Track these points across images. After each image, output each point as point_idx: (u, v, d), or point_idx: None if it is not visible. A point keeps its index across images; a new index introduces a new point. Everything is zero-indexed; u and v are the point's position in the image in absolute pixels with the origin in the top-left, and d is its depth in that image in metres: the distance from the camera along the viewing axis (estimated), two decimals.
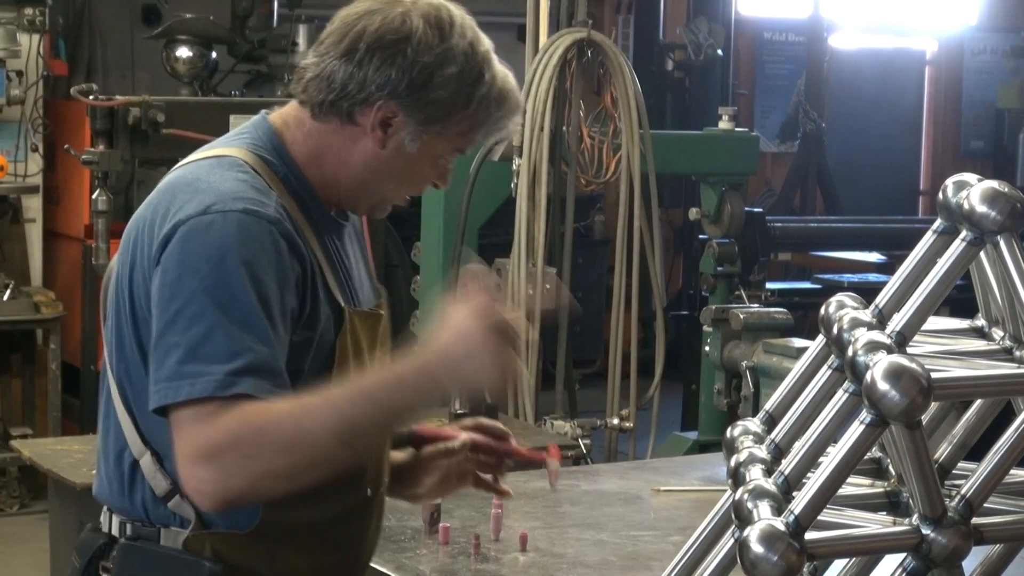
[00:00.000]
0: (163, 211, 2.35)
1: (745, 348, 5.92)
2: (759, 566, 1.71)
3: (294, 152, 2.46)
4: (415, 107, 2.39)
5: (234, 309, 2.25)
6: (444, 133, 2.42)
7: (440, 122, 2.41)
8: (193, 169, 2.43)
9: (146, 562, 2.40)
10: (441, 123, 2.41)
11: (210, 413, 2.21)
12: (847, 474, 1.78)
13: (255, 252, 2.28)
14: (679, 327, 10.03)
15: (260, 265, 2.28)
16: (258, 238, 2.29)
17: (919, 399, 1.71)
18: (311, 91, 2.42)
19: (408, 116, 2.40)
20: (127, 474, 2.43)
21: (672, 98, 11.15)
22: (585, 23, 6.22)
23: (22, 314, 7.78)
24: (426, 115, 2.40)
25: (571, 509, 3.91)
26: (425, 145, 2.43)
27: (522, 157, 6.08)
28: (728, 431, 2.06)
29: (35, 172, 8.29)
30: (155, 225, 2.35)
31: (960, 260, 1.89)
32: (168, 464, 2.35)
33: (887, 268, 9.17)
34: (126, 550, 2.42)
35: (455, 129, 2.43)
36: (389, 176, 2.46)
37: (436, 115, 2.40)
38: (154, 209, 2.38)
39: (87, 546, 2.49)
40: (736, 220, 7.12)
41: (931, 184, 13.74)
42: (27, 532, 7.22)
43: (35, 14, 8.15)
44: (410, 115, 2.40)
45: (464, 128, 2.44)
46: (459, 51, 2.42)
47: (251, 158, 2.43)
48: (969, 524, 1.83)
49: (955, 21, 13.85)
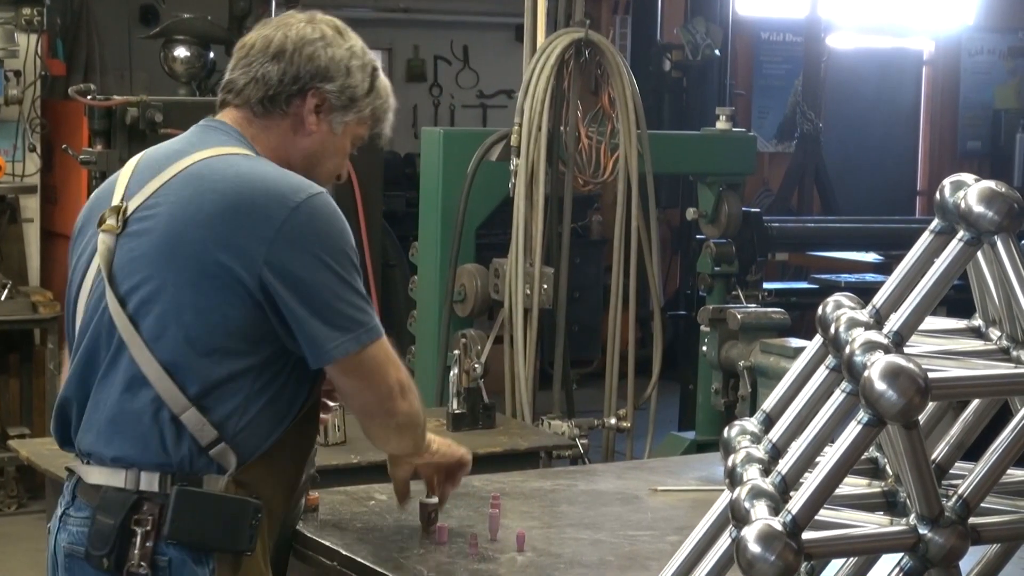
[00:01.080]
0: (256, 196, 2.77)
1: (742, 348, 5.92)
2: (756, 566, 1.71)
3: (259, 149, 2.89)
4: (338, 93, 2.89)
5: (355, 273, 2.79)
6: (359, 119, 2.94)
7: (356, 107, 2.92)
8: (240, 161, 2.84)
9: (198, 505, 2.73)
10: (356, 108, 2.92)
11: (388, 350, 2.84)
12: (844, 474, 1.79)
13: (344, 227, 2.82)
14: (676, 327, 10.04)
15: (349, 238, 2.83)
16: (339, 213, 2.81)
17: (916, 399, 1.72)
18: (248, 93, 2.89)
19: (334, 101, 2.89)
20: (168, 431, 2.75)
21: (670, 98, 11.14)
22: (583, 23, 6.23)
23: (20, 314, 7.77)
24: (346, 101, 2.90)
25: (568, 509, 3.91)
26: (346, 129, 2.94)
27: (520, 157, 6.08)
28: (725, 431, 2.06)
29: (33, 172, 8.29)
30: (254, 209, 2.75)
31: (957, 260, 1.89)
32: (213, 415, 2.74)
33: (884, 268, 9.17)
34: (179, 495, 2.72)
35: (363, 115, 2.94)
36: (325, 157, 2.93)
37: (353, 100, 2.91)
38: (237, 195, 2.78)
39: (116, 504, 2.74)
40: (733, 220, 7.12)
41: (928, 184, 13.75)
42: (25, 532, 7.21)
43: (33, 14, 8.14)
44: (335, 100, 2.89)
45: (368, 114, 2.96)
46: (358, 48, 2.95)
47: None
48: (966, 524, 1.84)
49: (952, 21, 13.86)
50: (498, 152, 6.27)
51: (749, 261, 7.54)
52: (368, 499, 3.74)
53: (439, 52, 13.00)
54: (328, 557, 3.31)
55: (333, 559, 3.30)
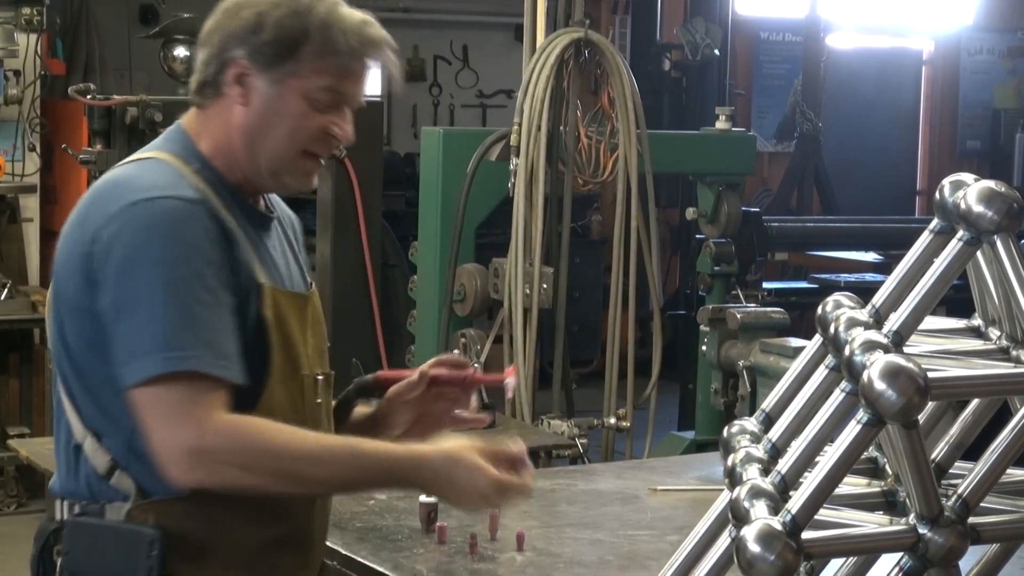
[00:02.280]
0: (88, 213, 2.55)
1: (742, 348, 5.92)
2: (756, 565, 1.71)
3: (203, 147, 2.64)
4: (255, 53, 2.57)
5: (180, 292, 2.44)
6: (300, 71, 2.58)
7: (287, 60, 2.57)
8: (112, 174, 2.63)
9: (92, 536, 2.55)
10: (290, 61, 2.57)
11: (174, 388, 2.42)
12: (844, 473, 1.79)
13: (188, 234, 2.48)
14: (676, 327, 10.03)
15: (194, 244, 2.48)
16: (188, 220, 2.49)
17: (916, 399, 1.72)
18: (192, 87, 2.67)
19: (253, 64, 2.58)
20: (72, 458, 2.59)
21: (669, 98, 11.14)
22: (582, 23, 6.22)
23: (19, 313, 7.78)
24: (268, 57, 2.57)
25: (568, 508, 3.91)
26: (285, 88, 2.58)
27: (519, 157, 6.08)
28: (725, 430, 2.06)
29: (33, 171, 8.30)
30: (83, 226, 2.53)
31: (957, 260, 1.89)
32: (107, 441, 2.53)
33: (884, 268, 9.17)
34: (72, 527, 2.57)
35: (310, 65, 2.57)
36: (266, 130, 2.60)
37: (279, 54, 2.57)
38: (81, 213, 2.57)
39: (41, 533, 2.65)
40: (733, 220, 7.12)
41: (928, 184, 13.75)
42: (24, 531, 7.20)
43: (32, 14, 8.15)
44: (254, 62, 2.58)
45: (318, 61, 2.57)
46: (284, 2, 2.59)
47: (168, 157, 2.62)
48: (966, 524, 1.84)
49: (952, 21, 13.85)
50: (498, 152, 6.27)
51: (749, 261, 7.54)
52: (368, 499, 3.74)
53: (439, 52, 12.99)
54: (328, 556, 3.31)
55: (333, 558, 3.30)
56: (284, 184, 2.68)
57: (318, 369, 2.69)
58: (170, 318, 2.43)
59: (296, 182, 2.67)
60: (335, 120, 2.62)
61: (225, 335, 2.46)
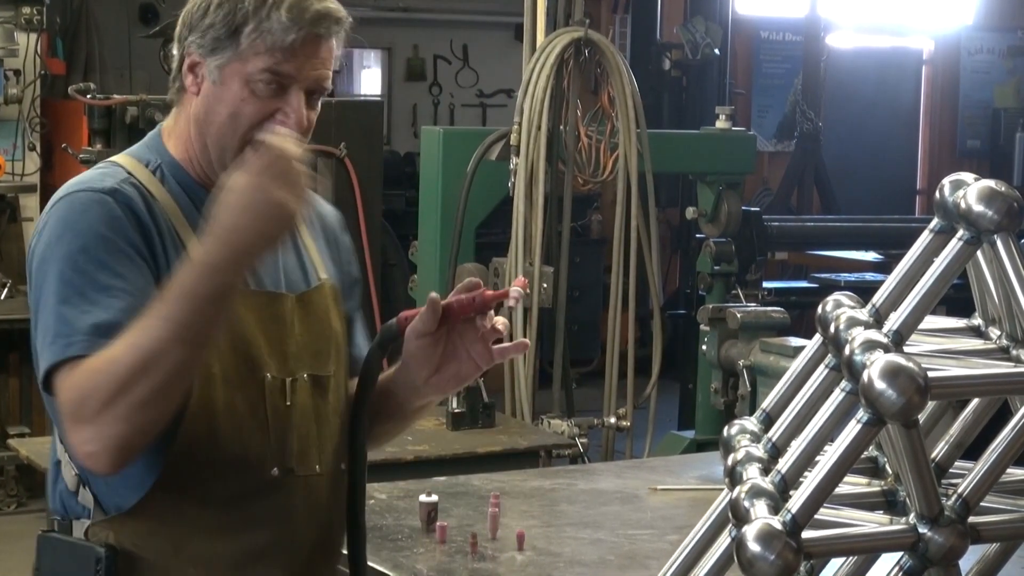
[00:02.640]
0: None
1: (742, 347, 5.92)
2: (756, 565, 1.71)
3: (170, 145, 2.57)
4: (200, 41, 2.49)
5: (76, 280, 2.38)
6: (240, 56, 2.46)
7: (227, 46, 2.47)
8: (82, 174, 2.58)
9: (53, 551, 2.53)
10: (230, 47, 2.47)
11: (64, 378, 2.33)
12: (844, 473, 1.78)
13: (90, 221, 2.41)
14: (676, 326, 10.04)
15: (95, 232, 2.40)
16: (93, 207, 2.42)
17: (916, 398, 1.72)
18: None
19: (200, 52, 2.49)
20: (53, 473, 2.57)
21: (669, 97, 11.15)
22: (582, 22, 6.23)
23: (19, 313, 7.78)
24: (211, 44, 2.48)
25: (568, 508, 3.92)
26: (228, 74, 2.48)
27: (519, 156, 6.09)
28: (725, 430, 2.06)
29: (33, 171, 8.31)
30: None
31: (957, 259, 1.89)
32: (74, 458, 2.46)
33: (884, 267, 9.18)
34: (41, 542, 2.56)
35: (251, 49, 2.45)
36: (211, 118, 2.50)
37: (219, 39, 2.47)
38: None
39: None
40: (733, 219, 7.13)
41: (928, 183, 13.76)
42: (24, 531, 7.21)
43: (33, 13, 8.15)
44: (201, 51, 2.49)
45: (257, 42, 2.45)
46: None
47: (121, 158, 2.56)
48: (966, 523, 1.84)
49: (952, 21, 13.86)
50: (498, 151, 6.27)
51: (749, 260, 7.54)
52: (368, 498, 3.74)
53: (439, 51, 13.00)
54: None
55: None
56: None
57: (302, 371, 2.56)
58: (59, 312, 2.38)
59: None
60: (280, 105, 2.47)
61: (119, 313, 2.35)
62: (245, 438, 2.49)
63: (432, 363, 2.57)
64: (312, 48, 2.47)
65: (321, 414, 2.61)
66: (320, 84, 2.51)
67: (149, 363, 2.28)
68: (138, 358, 2.28)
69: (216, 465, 2.47)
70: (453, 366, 2.58)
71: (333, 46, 2.51)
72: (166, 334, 2.28)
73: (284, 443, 2.54)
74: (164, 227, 2.47)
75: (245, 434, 2.49)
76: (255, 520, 2.52)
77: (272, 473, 2.52)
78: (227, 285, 2.33)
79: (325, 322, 2.65)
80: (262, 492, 2.52)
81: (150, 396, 2.29)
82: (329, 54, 2.51)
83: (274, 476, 2.52)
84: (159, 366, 2.28)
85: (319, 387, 2.60)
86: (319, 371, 2.61)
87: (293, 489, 2.56)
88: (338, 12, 2.51)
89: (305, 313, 2.61)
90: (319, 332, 2.63)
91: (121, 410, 2.29)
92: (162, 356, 2.28)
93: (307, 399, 2.57)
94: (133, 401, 2.29)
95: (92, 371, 2.31)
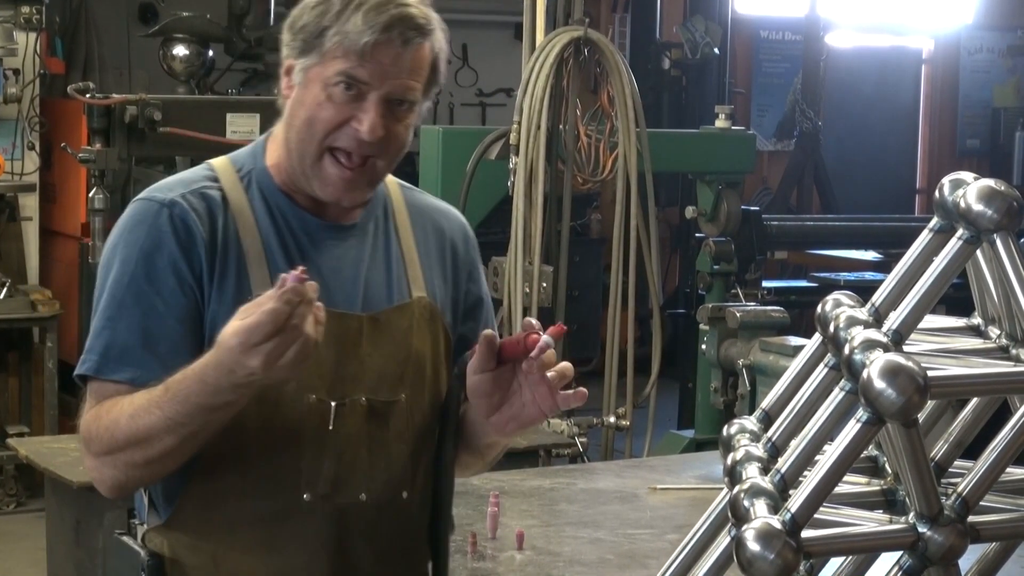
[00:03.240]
0: None
1: (741, 346, 5.92)
2: (755, 564, 1.71)
3: (269, 150, 2.53)
4: (292, 43, 2.45)
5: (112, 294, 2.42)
6: (323, 59, 2.41)
7: (314, 47, 2.41)
8: None
9: (118, 554, 2.67)
10: (316, 49, 2.41)
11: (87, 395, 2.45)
12: (843, 472, 1.78)
13: (138, 236, 2.43)
14: (676, 325, 10.04)
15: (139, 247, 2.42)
16: (145, 221, 2.44)
17: (915, 397, 1.71)
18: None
19: (292, 55, 2.45)
20: None
21: (669, 97, 11.16)
22: (582, 21, 6.23)
23: (19, 312, 7.78)
24: (300, 45, 2.44)
25: (568, 507, 3.92)
26: (310, 77, 2.42)
27: (519, 155, 6.09)
28: (724, 429, 2.05)
29: (32, 170, 8.29)
30: None
31: (956, 258, 1.88)
32: None
33: (883, 266, 9.17)
34: (113, 544, 2.70)
35: (331, 52, 2.39)
36: (296, 117, 2.46)
37: (307, 41, 2.42)
38: None
39: None
40: (732, 218, 7.13)
41: (927, 183, 13.75)
42: (24, 530, 7.21)
43: (32, 12, 8.15)
44: (293, 53, 2.45)
45: (336, 45, 2.39)
46: None
47: (219, 159, 2.55)
48: (965, 522, 1.83)
49: (951, 20, 13.86)
50: (497, 150, 6.27)
51: (748, 259, 7.54)
52: None
53: None
54: None
55: None
56: (316, 189, 2.46)
57: (359, 395, 2.46)
58: (93, 324, 2.44)
59: (323, 191, 2.46)
60: (355, 112, 2.40)
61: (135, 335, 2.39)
62: (276, 460, 2.44)
63: (491, 401, 2.46)
64: (389, 54, 2.39)
65: (376, 440, 2.50)
66: (403, 93, 2.42)
67: (143, 440, 2.34)
68: (133, 433, 2.34)
69: (244, 484, 2.44)
70: (515, 407, 2.46)
71: (423, 55, 2.42)
72: (160, 424, 2.32)
73: (319, 468, 2.46)
74: (229, 232, 2.45)
75: (276, 456, 2.43)
76: (287, 542, 2.46)
77: (304, 498, 2.46)
78: (225, 402, 2.30)
79: (403, 344, 2.53)
80: (293, 516, 2.46)
81: (143, 463, 2.37)
82: (415, 63, 2.42)
83: (306, 501, 2.46)
84: (152, 446, 2.34)
85: (378, 412, 2.50)
86: (382, 395, 2.50)
87: (328, 515, 2.48)
88: (420, 18, 2.42)
89: (378, 334, 2.51)
90: (391, 354, 2.52)
91: (119, 463, 2.38)
92: (155, 440, 2.33)
93: (359, 424, 2.48)
94: (128, 461, 2.37)
95: (98, 419, 2.39)
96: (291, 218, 2.50)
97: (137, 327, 2.39)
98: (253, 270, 2.44)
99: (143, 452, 2.34)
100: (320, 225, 2.52)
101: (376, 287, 2.54)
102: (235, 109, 7.20)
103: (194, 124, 6.97)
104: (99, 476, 2.43)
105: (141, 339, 2.38)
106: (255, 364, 2.20)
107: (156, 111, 7.02)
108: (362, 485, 2.49)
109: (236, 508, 2.45)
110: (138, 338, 2.38)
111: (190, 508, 2.46)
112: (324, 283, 2.35)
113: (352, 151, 2.42)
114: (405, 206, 2.63)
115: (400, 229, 2.60)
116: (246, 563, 2.46)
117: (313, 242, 2.50)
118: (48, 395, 7.87)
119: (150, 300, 2.40)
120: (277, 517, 2.46)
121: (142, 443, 2.33)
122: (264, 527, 2.46)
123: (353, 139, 2.41)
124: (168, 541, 2.48)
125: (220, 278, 2.43)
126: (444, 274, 2.63)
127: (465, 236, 2.71)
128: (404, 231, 2.61)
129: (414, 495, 2.55)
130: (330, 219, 2.52)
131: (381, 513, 2.52)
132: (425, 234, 2.63)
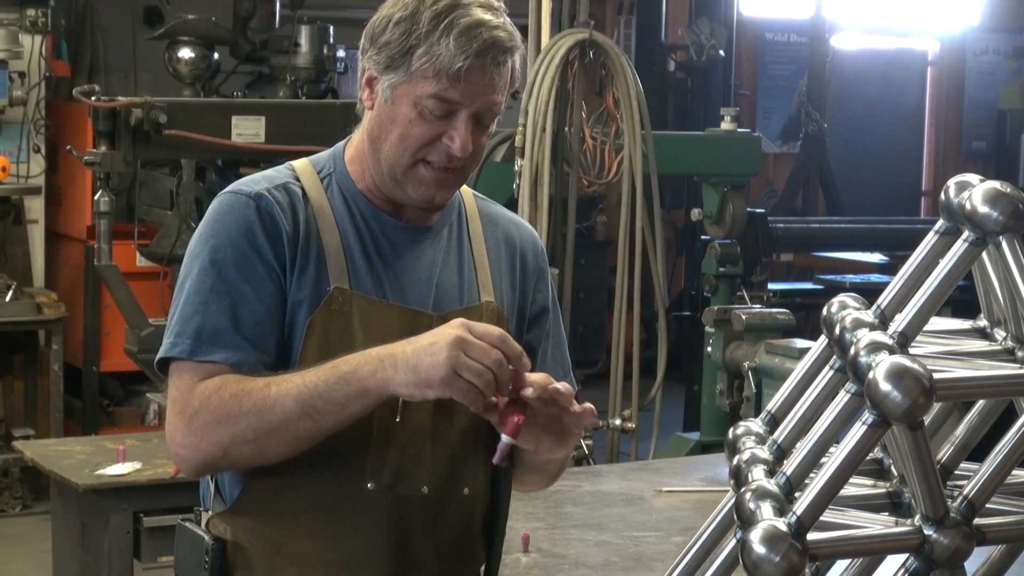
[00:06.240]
0: None
1: (747, 349, 5.92)
2: (761, 567, 1.71)
3: (348, 155, 2.63)
4: (377, 56, 2.52)
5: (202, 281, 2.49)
6: (411, 77, 2.48)
7: (400, 65, 2.49)
8: None
9: (181, 539, 2.62)
10: (403, 66, 2.48)
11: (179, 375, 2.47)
12: (849, 475, 1.78)
13: (227, 225, 2.51)
14: (681, 328, 10.04)
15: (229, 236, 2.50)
16: (234, 211, 2.52)
17: (921, 400, 1.71)
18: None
19: (376, 68, 2.52)
20: None
21: (674, 99, 11.15)
22: (587, 24, 6.23)
23: (24, 315, 7.78)
24: (385, 61, 2.50)
25: (573, 510, 3.91)
26: (399, 95, 2.50)
27: (524, 158, 6.09)
28: (730, 432, 2.05)
29: (37, 173, 8.31)
30: None
31: (962, 261, 1.88)
32: None
33: (889, 269, 9.17)
34: (177, 530, 2.64)
35: (420, 72, 2.47)
36: (384, 136, 2.54)
37: (393, 58, 2.49)
38: None
39: None
40: (738, 221, 7.12)
41: (933, 185, 13.75)
42: (29, 533, 7.22)
43: (37, 15, 8.16)
44: (377, 66, 2.52)
45: (427, 66, 2.46)
46: (412, 2, 2.51)
47: (300, 161, 2.64)
48: (971, 525, 1.83)
49: (957, 22, 13.86)
50: (502, 153, 6.27)
51: (754, 262, 7.54)
52: None
53: None
54: None
55: None
56: (406, 193, 2.56)
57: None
58: (181, 309, 2.49)
59: (415, 192, 2.55)
60: (447, 129, 2.50)
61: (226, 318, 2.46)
62: (342, 448, 2.49)
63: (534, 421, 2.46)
64: (480, 76, 2.49)
65: (440, 435, 2.56)
66: (490, 109, 2.53)
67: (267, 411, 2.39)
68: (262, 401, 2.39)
69: (309, 471, 2.50)
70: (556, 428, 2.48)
71: (506, 71, 2.53)
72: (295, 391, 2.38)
73: (384, 459, 2.52)
74: (310, 227, 2.53)
75: (342, 445, 2.48)
76: (349, 530, 2.53)
77: (367, 487, 2.52)
78: (367, 406, 2.39)
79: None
80: (356, 504, 2.52)
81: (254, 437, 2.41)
82: (500, 79, 2.52)
83: (370, 490, 2.52)
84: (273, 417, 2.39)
85: (443, 408, 2.54)
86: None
87: (390, 505, 2.53)
88: (508, 41, 2.53)
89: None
90: None
91: (225, 436, 2.42)
92: (280, 411, 2.39)
93: (424, 418, 2.54)
94: (237, 433, 2.41)
95: (219, 391, 2.42)
96: (370, 218, 2.59)
97: (228, 311, 2.46)
98: (331, 264, 2.53)
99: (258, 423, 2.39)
100: (398, 226, 2.61)
101: (448, 288, 2.63)
102: (240, 112, 7.20)
103: (199, 127, 6.97)
104: (191, 451, 2.44)
105: (231, 323, 2.46)
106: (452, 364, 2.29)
107: (161, 114, 7.02)
108: (424, 478, 2.55)
109: (300, 495, 2.51)
110: (229, 322, 2.46)
111: (255, 494, 2.52)
112: (398, 281, 2.55)
113: (441, 161, 2.53)
114: (479, 215, 2.73)
115: (473, 236, 2.69)
116: (308, 548, 2.52)
117: (390, 242, 2.60)
118: (54, 398, 7.87)
119: (239, 287, 2.48)
120: (340, 505, 2.52)
121: (262, 413, 2.39)
122: (327, 514, 2.52)
123: (445, 154, 2.51)
124: (232, 527, 2.54)
125: (300, 270, 2.51)
126: (513, 282, 2.71)
127: (535, 247, 2.78)
128: (477, 238, 2.69)
129: (474, 493, 2.62)
130: (407, 222, 2.61)
131: (441, 507, 2.58)
132: (497, 243, 2.71)
